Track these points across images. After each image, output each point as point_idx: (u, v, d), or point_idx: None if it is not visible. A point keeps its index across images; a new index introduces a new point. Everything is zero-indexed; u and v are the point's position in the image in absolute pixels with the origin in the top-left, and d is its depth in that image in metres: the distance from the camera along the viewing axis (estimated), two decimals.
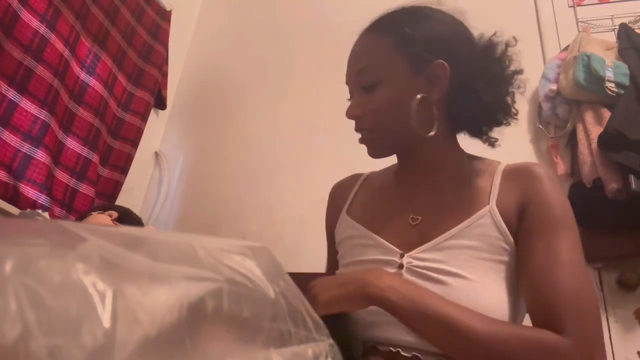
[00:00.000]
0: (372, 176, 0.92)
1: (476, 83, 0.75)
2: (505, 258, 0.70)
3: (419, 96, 0.74)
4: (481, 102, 0.76)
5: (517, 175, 0.75)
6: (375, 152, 0.80)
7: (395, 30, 0.76)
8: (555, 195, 0.71)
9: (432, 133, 0.75)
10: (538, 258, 0.67)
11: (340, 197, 0.91)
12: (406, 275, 0.70)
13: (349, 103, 0.81)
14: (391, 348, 0.66)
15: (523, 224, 0.70)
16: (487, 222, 0.71)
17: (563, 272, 0.64)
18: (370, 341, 0.68)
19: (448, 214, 0.74)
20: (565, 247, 0.67)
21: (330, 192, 0.96)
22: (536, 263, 0.67)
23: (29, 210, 1.21)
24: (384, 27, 0.78)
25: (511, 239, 0.70)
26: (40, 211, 1.20)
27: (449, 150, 0.81)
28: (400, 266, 0.71)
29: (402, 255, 0.72)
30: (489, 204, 0.73)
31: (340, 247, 0.85)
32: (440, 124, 0.76)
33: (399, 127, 0.76)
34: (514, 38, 0.80)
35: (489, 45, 0.79)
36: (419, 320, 0.61)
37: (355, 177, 0.94)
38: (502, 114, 0.79)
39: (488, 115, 0.79)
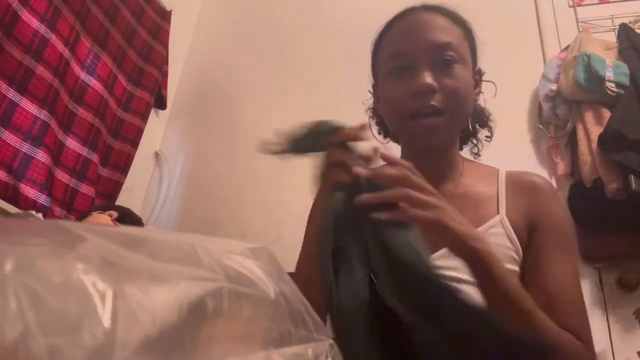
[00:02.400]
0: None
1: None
2: (515, 267, 0.72)
3: (477, 90, 0.79)
4: (479, 110, 0.82)
5: (523, 188, 0.77)
6: (437, 140, 0.73)
7: (462, 23, 0.78)
8: (562, 212, 0.77)
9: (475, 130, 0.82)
10: (551, 273, 0.70)
11: None
12: None
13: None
14: None
15: (534, 239, 0.73)
16: (498, 232, 0.72)
17: (571, 287, 0.70)
18: None
19: None
20: (571, 261, 0.72)
21: None
22: (550, 278, 0.70)
23: (22, 211, 1.21)
24: (454, 16, 0.78)
25: (520, 250, 0.72)
26: (33, 212, 1.20)
27: (458, 154, 0.83)
28: None
29: None
30: (499, 213, 0.74)
31: None
32: None
33: (465, 115, 0.76)
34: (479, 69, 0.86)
35: None
36: (502, 303, 0.58)
37: None
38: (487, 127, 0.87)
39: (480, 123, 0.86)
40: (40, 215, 1.22)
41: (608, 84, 1.36)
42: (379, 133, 0.90)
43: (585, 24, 1.67)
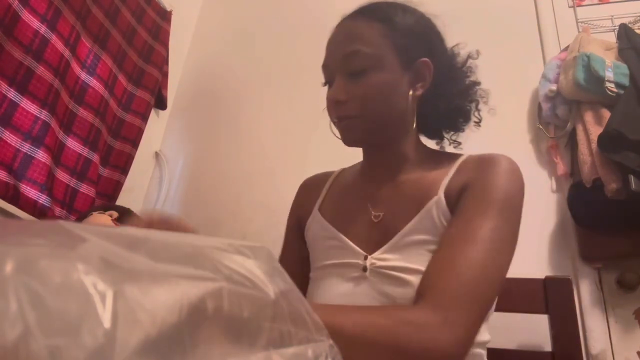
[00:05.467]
0: (342, 173, 0.92)
1: (446, 87, 0.79)
2: None
3: (411, 92, 0.75)
4: (449, 106, 0.79)
5: (474, 162, 0.74)
6: (352, 140, 0.78)
7: (386, 19, 0.76)
8: (503, 182, 0.67)
9: (413, 127, 0.79)
10: (450, 231, 0.65)
11: (312, 193, 0.90)
12: (370, 277, 0.70)
13: None
14: None
15: (458, 204, 0.68)
16: (434, 214, 0.69)
17: (469, 247, 0.60)
18: None
19: (404, 210, 0.74)
20: (486, 227, 0.62)
21: (302, 186, 0.96)
22: (445, 237, 0.65)
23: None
24: (375, 14, 0.77)
25: None
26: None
27: (415, 146, 0.82)
28: (364, 268, 0.71)
29: (365, 257, 0.72)
30: (437, 194, 0.71)
31: (312, 248, 0.85)
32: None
33: (382, 117, 0.75)
34: (477, 51, 0.84)
35: (454, 55, 0.83)
36: None
37: (327, 175, 0.94)
38: (462, 120, 0.84)
39: (450, 119, 0.83)
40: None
41: (608, 84, 1.36)
42: None
43: (585, 24, 1.67)
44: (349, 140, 0.78)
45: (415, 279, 0.66)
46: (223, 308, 0.26)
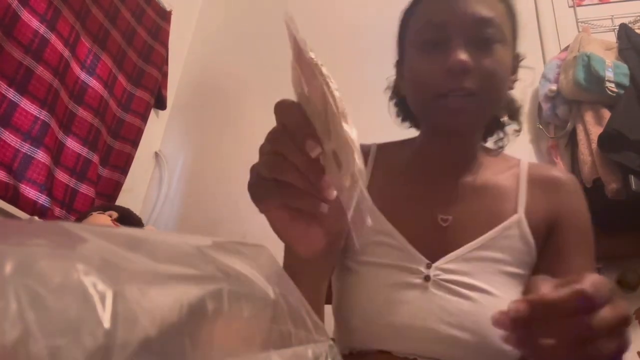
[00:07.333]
0: (383, 151, 0.79)
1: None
2: (526, 272, 0.67)
3: (513, 77, 0.71)
4: (510, 101, 0.77)
5: (545, 184, 0.71)
6: (462, 122, 0.65)
7: (508, 1, 0.69)
8: (584, 211, 0.72)
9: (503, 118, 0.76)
10: (570, 272, 0.65)
11: None
12: (432, 288, 0.64)
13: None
14: (407, 356, 0.62)
15: (553, 241, 0.69)
16: (514, 234, 0.67)
17: None
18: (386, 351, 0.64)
19: (476, 219, 0.68)
20: (591, 265, 0.68)
21: None
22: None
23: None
24: None
25: (535, 252, 0.68)
26: (36, 217, 1.21)
27: (480, 142, 0.76)
28: (427, 278, 0.65)
29: (428, 266, 0.66)
30: (517, 212, 0.68)
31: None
32: None
33: (496, 100, 0.67)
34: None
35: None
36: None
37: (365, 147, 0.79)
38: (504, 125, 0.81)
39: (498, 127, 0.79)
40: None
41: (608, 84, 1.36)
42: (398, 116, 0.82)
43: (585, 24, 1.67)
44: (458, 124, 0.65)
45: (479, 297, 0.62)
46: (223, 308, 0.26)
